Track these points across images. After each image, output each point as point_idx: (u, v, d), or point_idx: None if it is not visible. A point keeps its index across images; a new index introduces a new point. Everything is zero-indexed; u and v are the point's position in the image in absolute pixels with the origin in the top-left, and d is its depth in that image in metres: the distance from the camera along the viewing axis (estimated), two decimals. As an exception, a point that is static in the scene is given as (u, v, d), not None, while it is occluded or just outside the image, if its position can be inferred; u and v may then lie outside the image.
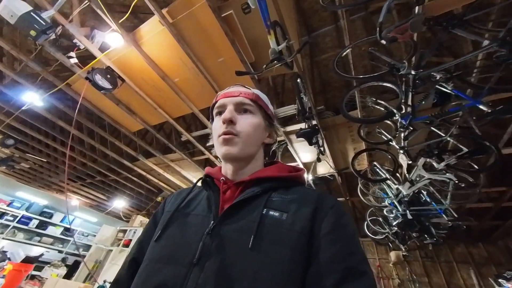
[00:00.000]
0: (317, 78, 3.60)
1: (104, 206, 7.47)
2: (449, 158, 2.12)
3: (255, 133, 0.61)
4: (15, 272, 2.12)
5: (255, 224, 0.46)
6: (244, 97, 0.62)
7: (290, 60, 1.51)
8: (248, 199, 0.52)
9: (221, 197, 0.56)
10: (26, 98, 2.93)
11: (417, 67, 1.35)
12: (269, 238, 0.44)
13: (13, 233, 6.55)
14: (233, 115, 0.59)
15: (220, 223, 0.49)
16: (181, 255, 0.47)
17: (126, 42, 2.12)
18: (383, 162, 3.08)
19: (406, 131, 1.83)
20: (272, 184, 0.56)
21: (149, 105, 2.86)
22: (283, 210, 0.49)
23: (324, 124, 2.93)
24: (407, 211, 2.60)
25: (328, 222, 0.47)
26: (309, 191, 0.56)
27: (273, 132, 0.69)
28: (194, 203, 0.60)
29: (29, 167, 5.76)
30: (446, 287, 4.90)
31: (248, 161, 0.62)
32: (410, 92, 1.53)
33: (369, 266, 0.43)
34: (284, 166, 0.65)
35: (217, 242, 0.46)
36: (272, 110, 0.70)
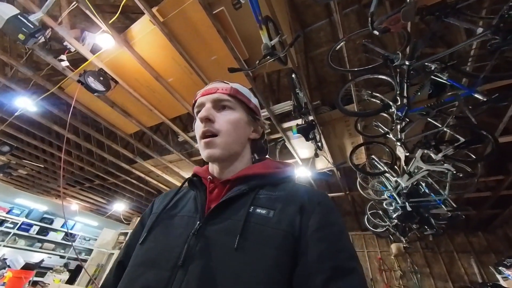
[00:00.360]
0: (313, 74, 3.58)
1: (104, 210, 7.45)
2: (447, 148, 2.12)
3: (236, 130, 0.58)
4: (16, 279, 2.10)
5: (240, 223, 0.45)
6: (221, 93, 0.60)
7: (283, 54, 1.49)
8: (234, 198, 0.50)
9: (208, 197, 0.55)
10: (19, 104, 2.90)
11: (411, 58, 1.34)
12: (255, 238, 0.43)
13: (14, 240, 6.53)
14: (210, 112, 0.57)
15: (206, 224, 0.48)
16: (164, 258, 0.45)
17: (117, 43, 2.09)
18: (381, 155, 3.08)
19: (402, 123, 1.82)
20: (259, 181, 0.54)
21: (144, 107, 2.84)
22: (270, 208, 0.48)
23: (321, 119, 2.92)
24: (406, 203, 2.60)
25: (314, 220, 0.45)
26: (297, 187, 0.55)
27: (259, 126, 0.66)
28: (181, 204, 0.58)
29: (27, 174, 5.72)
30: (447, 276, 4.94)
31: (234, 160, 0.60)
32: (405, 83, 1.51)
33: (358, 262, 0.42)
34: (272, 163, 0.63)
35: (202, 243, 0.45)
36: (256, 104, 0.67)
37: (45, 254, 6.82)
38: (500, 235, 4.95)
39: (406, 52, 1.49)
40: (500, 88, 1.89)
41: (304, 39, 3.20)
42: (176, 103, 2.77)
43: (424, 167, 2.24)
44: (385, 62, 1.48)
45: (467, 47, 1.77)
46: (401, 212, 2.74)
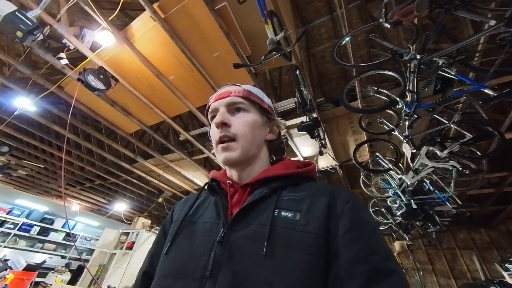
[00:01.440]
0: (314, 71, 3.55)
1: (105, 210, 7.42)
2: (452, 145, 2.10)
3: (252, 132, 0.57)
4: (18, 280, 2.08)
5: (266, 228, 0.43)
6: (235, 95, 0.58)
7: (290, 49, 1.46)
8: (257, 201, 0.49)
9: (229, 202, 0.53)
10: (17, 103, 2.86)
11: (422, 51, 1.31)
12: (283, 242, 0.41)
13: (14, 241, 6.52)
14: (225, 117, 0.56)
15: (230, 230, 0.46)
16: (191, 268, 0.44)
17: (117, 40, 2.05)
18: (385, 153, 3.06)
19: (410, 119, 1.79)
20: (281, 183, 0.52)
21: (145, 105, 2.80)
22: (296, 210, 0.46)
23: (324, 116, 2.89)
24: (412, 200, 2.58)
25: (345, 220, 0.43)
26: (321, 186, 0.52)
27: (274, 126, 0.65)
28: (201, 210, 0.57)
29: (27, 174, 5.68)
30: (449, 273, 4.95)
31: (252, 162, 0.58)
32: (414, 78, 1.48)
33: (397, 262, 0.40)
34: (291, 162, 0.61)
35: (229, 251, 0.43)
36: (270, 104, 0.66)
37: (46, 255, 6.81)
38: (503, 231, 4.95)
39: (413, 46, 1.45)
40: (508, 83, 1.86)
41: (305, 36, 3.17)
42: (177, 101, 2.73)
43: (429, 164, 2.22)
44: (393, 56, 1.45)
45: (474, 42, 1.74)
46: (405, 210, 2.72)
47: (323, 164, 3.56)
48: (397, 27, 1.66)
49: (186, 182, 4.98)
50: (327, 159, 3.25)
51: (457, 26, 1.77)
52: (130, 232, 5.14)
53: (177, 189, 5.46)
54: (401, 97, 1.70)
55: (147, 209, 6.64)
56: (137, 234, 4.86)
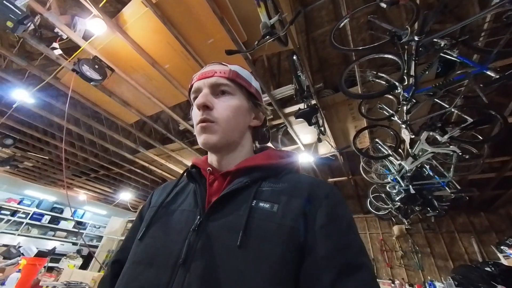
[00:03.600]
0: (314, 56, 3.44)
1: (111, 199, 7.63)
2: (453, 130, 2.06)
3: (236, 118, 0.54)
4: (30, 266, 2.19)
5: (243, 219, 0.42)
6: (220, 76, 0.55)
7: (283, 33, 1.41)
8: (236, 191, 0.48)
9: (208, 190, 0.52)
10: (16, 96, 2.86)
11: (421, 33, 1.25)
12: (258, 234, 0.41)
13: (27, 230, 6.80)
14: (208, 99, 0.53)
15: (207, 219, 0.45)
16: (164, 256, 0.43)
17: (109, 28, 2.00)
18: (385, 139, 3.03)
19: (408, 104, 1.75)
20: (262, 173, 0.51)
21: (142, 95, 2.78)
22: (274, 201, 0.45)
23: (324, 103, 2.84)
24: (410, 186, 2.59)
25: (322, 214, 0.43)
26: (301, 179, 0.51)
27: (260, 113, 0.62)
28: (181, 197, 0.55)
29: (33, 166, 5.81)
30: (447, 255, 5.06)
31: (233, 149, 0.56)
32: (412, 61, 1.43)
33: (367, 255, 0.41)
34: (275, 152, 0.59)
35: (203, 240, 0.43)
36: (257, 88, 0.62)
37: (58, 242, 7.11)
38: (502, 215, 4.99)
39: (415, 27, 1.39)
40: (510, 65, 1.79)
41: (304, 19, 3.05)
42: (175, 91, 2.70)
43: (429, 149, 2.20)
44: (392, 39, 1.39)
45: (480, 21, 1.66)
46: (404, 195, 2.74)
47: (323, 151, 3.56)
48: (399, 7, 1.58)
49: (188, 171, 5.05)
50: (327, 146, 3.24)
51: (462, 4, 1.68)
52: (136, 219, 5.29)
53: (180, 178, 5.54)
54: (400, 81, 1.66)
55: (152, 198, 6.80)
56: (142, 222, 5.00)
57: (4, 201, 6.64)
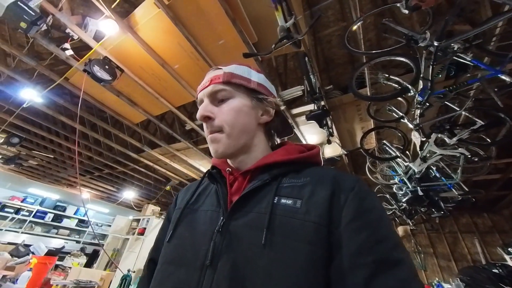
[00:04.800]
0: (320, 55, 3.43)
1: (115, 198, 7.65)
2: (462, 132, 2.07)
3: (240, 119, 0.52)
4: (41, 265, 2.21)
5: (266, 216, 0.42)
6: (215, 83, 0.53)
7: (302, 37, 1.41)
8: (256, 189, 0.47)
9: (229, 190, 0.51)
10: (24, 95, 2.87)
11: (440, 38, 1.25)
12: (283, 231, 0.40)
13: (31, 227, 6.84)
14: (207, 109, 0.52)
15: (230, 219, 0.45)
16: (192, 256, 0.44)
17: (121, 29, 2.01)
18: (392, 140, 3.04)
19: (422, 108, 1.76)
20: (282, 169, 0.50)
21: (150, 95, 2.79)
22: (296, 197, 0.44)
23: (331, 104, 2.85)
24: (418, 187, 2.60)
25: (349, 209, 0.41)
26: (324, 172, 0.49)
27: (268, 107, 0.58)
28: (203, 197, 0.56)
29: (37, 164, 5.83)
30: (450, 255, 5.09)
31: (246, 151, 0.55)
32: (430, 65, 1.43)
33: (405, 251, 0.37)
34: (294, 147, 0.57)
35: (228, 240, 0.43)
36: (259, 81, 0.58)
37: (62, 240, 7.15)
38: (506, 216, 5.00)
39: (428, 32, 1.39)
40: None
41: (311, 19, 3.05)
42: (183, 91, 2.71)
43: (437, 151, 2.21)
44: (408, 42, 1.40)
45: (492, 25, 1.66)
46: (410, 196, 2.75)
47: (329, 152, 3.57)
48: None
49: (193, 170, 5.07)
50: (333, 147, 3.25)
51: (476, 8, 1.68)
52: (141, 218, 5.33)
53: (184, 177, 5.57)
54: (413, 84, 1.66)
55: (155, 197, 6.83)
56: (147, 221, 5.05)
57: (8, 199, 6.67)
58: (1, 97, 3.34)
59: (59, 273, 2.67)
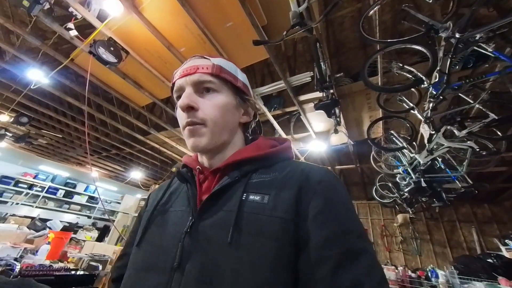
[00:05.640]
0: (331, 38, 3.28)
1: (123, 177, 7.90)
2: (473, 125, 2.02)
3: (224, 117, 0.51)
4: (58, 239, 2.37)
5: (233, 214, 0.41)
6: (203, 72, 0.51)
7: (315, 25, 1.34)
8: (226, 187, 0.46)
9: (199, 189, 0.50)
10: (31, 76, 2.86)
11: (464, 30, 1.17)
12: (250, 229, 0.39)
13: (44, 202, 7.20)
14: (191, 99, 0.49)
15: (199, 219, 0.44)
16: (161, 260, 0.43)
17: (125, 9, 1.93)
18: (399, 130, 3.00)
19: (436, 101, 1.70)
20: (252, 166, 0.49)
21: (156, 78, 2.75)
22: (264, 193, 0.43)
23: (340, 91, 2.77)
24: (421, 179, 2.61)
25: (316, 202, 0.40)
26: (292, 166, 0.48)
27: (249, 108, 0.58)
28: (174, 197, 0.54)
29: (47, 143, 5.98)
30: (446, 243, 5.23)
31: (223, 149, 0.54)
32: (449, 58, 1.36)
33: (367, 239, 0.39)
34: (265, 142, 0.56)
35: (196, 241, 0.42)
36: (244, 81, 0.59)
37: (74, 215, 7.54)
38: (507, 207, 5.04)
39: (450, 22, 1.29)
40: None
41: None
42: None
43: (445, 144, 2.18)
44: (427, 32, 1.31)
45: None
46: (413, 187, 2.78)
47: (335, 140, 3.55)
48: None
49: (198, 153, 5.13)
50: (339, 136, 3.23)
51: None
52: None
53: (189, 160, 5.66)
54: (428, 75, 1.59)
55: (162, 177, 7.03)
56: (154, 200, 5.23)
57: (20, 175, 6.96)
58: (8, 76, 3.34)
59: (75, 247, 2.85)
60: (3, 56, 3.01)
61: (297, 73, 2.83)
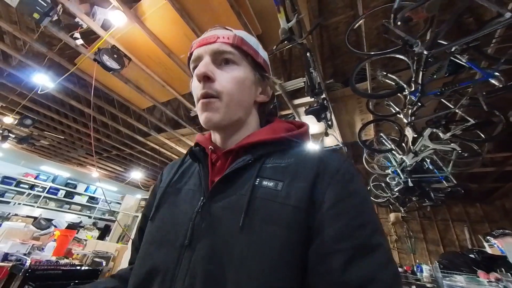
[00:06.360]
0: (326, 43, 3.40)
1: (123, 177, 8.00)
2: (455, 128, 2.16)
3: (241, 92, 0.49)
4: (63, 237, 2.49)
5: (245, 199, 0.40)
6: (223, 42, 0.49)
7: (302, 41, 1.47)
8: (238, 170, 0.45)
9: (211, 170, 0.49)
10: (37, 80, 2.98)
11: (430, 48, 1.30)
12: (261, 215, 0.39)
13: (45, 202, 7.30)
14: (209, 68, 0.47)
15: (210, 200, 0.44)
16: (173, 236, 0.44)
17: (129, 20, 2.06)
18: (390, 132, 3.13)
19: (414, 107, 1.84)
20: (266, 149, 0.47)
21: (157, 83, 2.88)
22: (278, 179, 0.42)
23: (333, 96, 2.91)
24: (409, 179, 2.74)
25: (332, 192, 0.39)
26: (309, 153, 0.46)
27: (268, 86, 0.56)
28: (186, 176, 0.54)
29: (49, 144, 6.08)
30: (439, 241, 5.37)
31: (238, 128, 0.52)
32: (420, 71, 1.49)
33: (383, 234, 0.37)
34: (281, 125, 0.54)
35: (207, 222, 0.42)
36: (265, 58, 0.56)
37: (74, 215, 7.65)
38: (498, 207, 5.18)
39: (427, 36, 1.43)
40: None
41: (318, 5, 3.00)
42: (188, 80, 2.76)
43: (430, 145, 2.32)
44: (404, 46, 1.44)
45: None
46: (402, 186, 2.91)
47: (329, 142, 3.69)
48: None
49: (197, 154, 5.24)
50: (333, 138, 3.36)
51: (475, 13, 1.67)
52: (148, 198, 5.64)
53: (188, 161, 5.77)
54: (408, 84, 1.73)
55: (161, 178, 7.12)
56: (154, 200, 5.34)
57: (22, 176, 7.06)
58: (13, 80, 3.46)
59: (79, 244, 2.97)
60: (9, 61, 3.13)
61: (293, 77, 2.96)
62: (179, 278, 0.38)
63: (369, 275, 0.32)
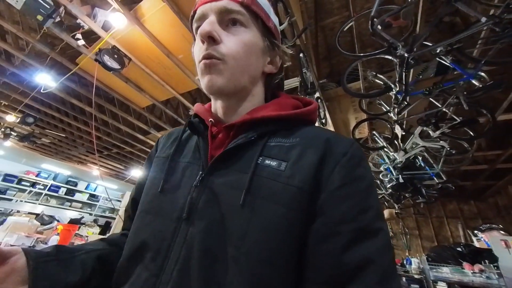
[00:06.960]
0: (322, 43, 3.48)
1: (123, 175, 8.09)
2: (444, 127, 2.24)
3: (247, 57, 0.45)
4: (66, 231, 2.57)
5: (247, 177, 0.39)
6: (231, 0, 0.44)
7: (292, 44, 1.55)
8: (240, 147, 0.43)
9: (210, 143, 0.47)
10: (39, 79, 3.05)
11: (410, 50, 1.38)
12: (263, 194, 0.38)
13: (46, 200, 7.39)
14: (214, 28, 0.43)
15: (209, 175, 0.43)
16: (170, 208, 0.43)
17: (129, 21, 2.13)
18: (383, 130, 3.21)
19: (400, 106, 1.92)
20: (271, 127, 0.45)
21: (156, 82, 2.96)
22: (282, 159, 0.40)
23: (327, 95, 2.99)
24: (400, 176, 2.83)
25: (338, 175, 0.38)
26: (316, 133, 0.44)
27: (277, 56, 0.52)
28: (186, 148, 0.51)
29: (50, 142, 6.16)
30: (434, 238, 5.49)
31: (242, 98, 0.49)
32: (403, 72, 1.57)
33: (384, 220, 0.38)
34: (288, 101, 0.51)
35: (206, 196, 0.41)
36: (276, 23, 0.51)
37: (76, 212, 7.75)
38: (491, 204, 5.29)
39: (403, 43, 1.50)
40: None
41: (315, 6, 3.08)
42: (187, 79, 2.87)
43: (420, 143, 2.40)
44: (389, 48, 1.52)
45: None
46: (395, 183, 3.00)
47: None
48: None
49: (196, 152, 5.33)
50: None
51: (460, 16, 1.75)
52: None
53: (187, 158, 5.85)
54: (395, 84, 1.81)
55: (161, 175, 7.20)
56: (154, 197, 5.43)
57: (23, 173, 7.15)
58: (16, 79, 3.53)
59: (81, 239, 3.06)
60: (12, 60, 3.21)
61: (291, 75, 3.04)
62: (174, 250, 0.38)
63: (368, 257, 0.32)
